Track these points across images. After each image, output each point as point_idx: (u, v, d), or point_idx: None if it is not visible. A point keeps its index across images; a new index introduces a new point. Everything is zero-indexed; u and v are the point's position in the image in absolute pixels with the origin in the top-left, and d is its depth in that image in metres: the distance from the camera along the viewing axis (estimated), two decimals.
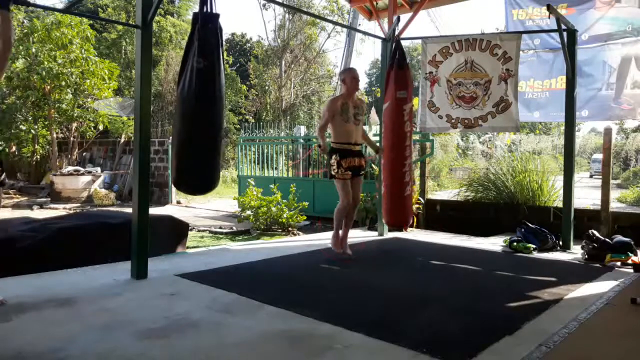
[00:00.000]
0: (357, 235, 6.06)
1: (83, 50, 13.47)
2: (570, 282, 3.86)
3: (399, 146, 4.97)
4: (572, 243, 5.36)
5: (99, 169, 14.66)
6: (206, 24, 3.38)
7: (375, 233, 6.26)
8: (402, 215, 5.14)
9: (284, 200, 7.91)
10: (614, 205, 8.64)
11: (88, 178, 13.44)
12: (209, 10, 3.42)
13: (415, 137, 7.55)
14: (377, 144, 5.42)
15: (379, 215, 6.14)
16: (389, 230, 6.22)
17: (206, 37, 3.36)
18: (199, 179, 3.58)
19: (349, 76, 4.66)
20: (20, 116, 13.65)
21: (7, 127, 13.74)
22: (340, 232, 4.77)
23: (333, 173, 4.59)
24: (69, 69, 13.18)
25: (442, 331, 2.77)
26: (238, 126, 21.85)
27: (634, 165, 20.66)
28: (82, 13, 15.48)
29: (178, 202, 13.11)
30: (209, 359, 2.38)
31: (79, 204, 12.55)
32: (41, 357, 2.33)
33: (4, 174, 3.04)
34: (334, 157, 4.56)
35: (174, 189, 13.20)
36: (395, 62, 4.99)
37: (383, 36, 6.19)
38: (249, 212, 8.01)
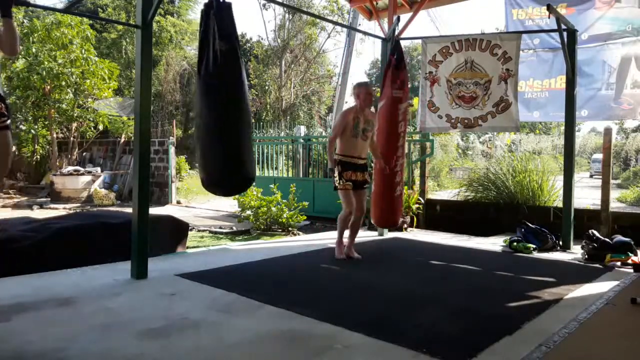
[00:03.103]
0: (357, 235, 6.03)
1: (83, 50, 13.46)
2: (570, 282, 3.86)
3: (391, 145, 4.94)
4: (572, 243, 5.36)
5: (99, 169, 14.66)
6: (223, 10, 3.33)
7: (375, 233, 6.25)
8: (390, 215, 5.07)
9: (284, 200, 7.90)
10: (614, 205, 8.65)
11: (88, 178, 13.43)
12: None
13: (416, 137, 7.56)
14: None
15: None
16: (389, 230, 6.21)
17: (224, 21, 3.29)
18: (225, 174, 3.38)
19: (364, 92, 4.57)
20: (20, 116, 13.65)
21: None
22: (345, 240, 4.78)
23: (335, 184, 4.62)
24: (69, 69, 13.18)
25: (442, 331, 2.77)
26: None
27: (634, 165, 20.66)
28: (82, 13, 15.49)
29: (178, 202, 13.10)
30: (209, 359, 2.38)
31: (79, 204, 12.55)
32: (41, 357, 2.33)
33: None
34: (336, 169, 4.56)
35: (174, 189, 13.20)
36: (393, 62, 4.98)
37: (383, 36, 6.20)
38: (249, 212, 8.01)
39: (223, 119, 3.29)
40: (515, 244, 5.23)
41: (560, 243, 5.39)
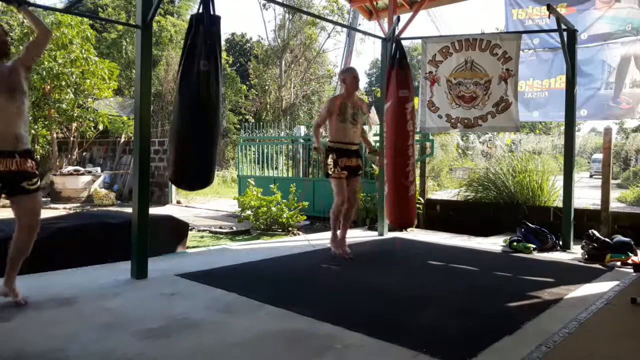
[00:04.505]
0: (357, 235, 6.06)
1: (83, 50, 13.45)
2: (570, 282, 3.86)
3: (402, 145, 4.97)
4: (572, 243, 5.36)
5: (99, 169, 14.66)
6: (211, 27, 3.40)
7: (375, 233, 6.25)
8: (407, 215, 5.15)
9: (284, 200, 7.90)
10: (614, 205, 8.65)
11: (88, 178, 13.44)
12: (211, 12, 3.44)
13: (416, 137, 7.54)
14: (374, 145, 5.44)
15: (379, 215, 6.14)
16: (389, 230, 6.21)
17: (212, 40, 3.43)
18: (199, 174, 3.68)
19: (349, 76, 4.63)
20: None
21: None
22: (338, 232, 4.77)
23: (329, 172, 4.60)
24: (69, 69, 13.17)
25: (442, 331, 2.78)
26: (238, 126, 21.86)
27: (634, 165, 20.67)
28: (82, 13, 15.47)
29: (178, 202, 13.11)
30: (209, 359, 2.38)
31: (79, 204, 12.55)
32: (41, 357, 2.33)
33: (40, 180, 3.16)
34: (330, 156, 4.56)
35: (174, 189, 13.19)
36: (397, 62, 4.99)
37: (383, 36, 6.19)
38: (249, 212, 8.01)
39: (191, 131, 3.53)
40: (515, 244, 5.23)
41: (560, 243, 5.39)
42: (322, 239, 5.90)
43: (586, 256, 4.77)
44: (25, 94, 3.06)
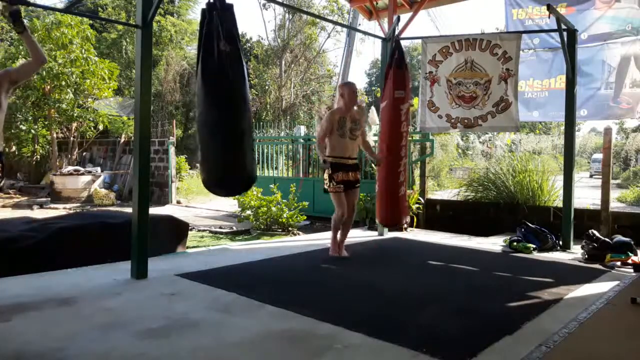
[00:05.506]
0: (357, 235, 6.06)
1: (83, 50, 13.47)
2: (570, 282, 3.86)
3: (394, 146, 4.98)
4: (572, 243, 5.36)
5: (99, 168, 14.66)
6: (226, 11, 3.35)
7: (375, 233, 6.25)
8: (395, 214, 5.15)
9: (284, 200, 7.90)
10: (614, 205, 8.65)
11: (88, 178, 13.44)
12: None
13: (416, 137, 7.56)
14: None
15: None
16: (389, 230, 6.21)
17: (228, 22, 3.32)
18: (236, 173, 3.43)
19: (348, 90, 4.62)
20: (20, 116, 13.64)
21: (7, 127, 13.72)
22: (338, 236, 4.81)
23: (325, 187, 4.63)
24: (69, 69, 13.18)
25: (442, 331, 2.77)
26: None
27: (634, 165, 20.66)
28: (82, 13, 15.48)
29: (178, 202, 13.10)
30: (209, 358, 2.38)
31: (79, 204, 12.55)
32: (41, 357, 2.33)
33: (3, 180, 3.12)
34: (326, 170, 4.58)
35: (174, 189, 13.19)
36: (394, 62, 4.99)
37: (383, 36, 6.20)
38: (249, 212, 8.01)
39: (224, 119, 3.31)
40: (515, 244, 5.23)
41: (560, 243, 5.39)
42: (322, 239, 5.90)
43: (586, 256, 4.77)
44: (2, 109, 3.10)
